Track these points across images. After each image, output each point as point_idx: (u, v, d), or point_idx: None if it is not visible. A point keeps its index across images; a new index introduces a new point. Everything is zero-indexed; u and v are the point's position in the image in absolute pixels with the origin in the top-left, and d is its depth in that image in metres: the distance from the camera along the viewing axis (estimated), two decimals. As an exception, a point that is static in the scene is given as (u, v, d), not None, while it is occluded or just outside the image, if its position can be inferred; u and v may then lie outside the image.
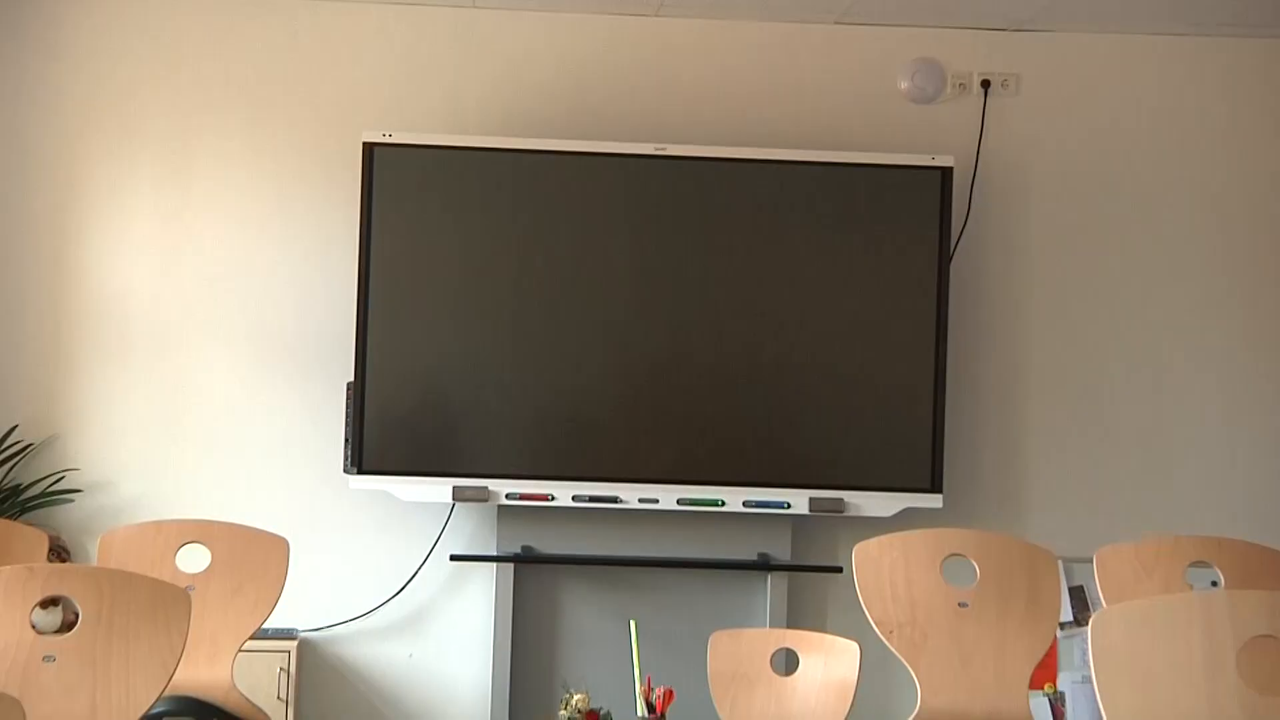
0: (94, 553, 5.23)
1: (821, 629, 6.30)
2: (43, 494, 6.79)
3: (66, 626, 3.22)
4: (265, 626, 4.79)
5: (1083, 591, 6.62)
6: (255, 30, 6.96)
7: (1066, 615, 6.36)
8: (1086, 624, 3.57)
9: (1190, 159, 7.15)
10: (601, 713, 5.13)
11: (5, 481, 6.74)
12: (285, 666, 6.59)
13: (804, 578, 6.93)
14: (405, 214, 6.69)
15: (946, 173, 6.80)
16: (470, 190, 6.73)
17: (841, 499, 6.75)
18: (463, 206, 6.73)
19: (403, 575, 6.91)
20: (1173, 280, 7.14)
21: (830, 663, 5.69)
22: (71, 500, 6.83)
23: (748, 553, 6.89)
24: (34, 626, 3.22)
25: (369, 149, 6.64)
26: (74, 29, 6.90)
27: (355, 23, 6.98)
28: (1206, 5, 6.59)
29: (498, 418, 6.77)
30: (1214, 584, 4.45)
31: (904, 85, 7.05)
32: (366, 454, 6.66)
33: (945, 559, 4.24)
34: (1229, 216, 7.15)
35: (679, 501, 6.71)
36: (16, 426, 6.80)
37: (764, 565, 6.87)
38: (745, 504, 6.72)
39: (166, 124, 6.93)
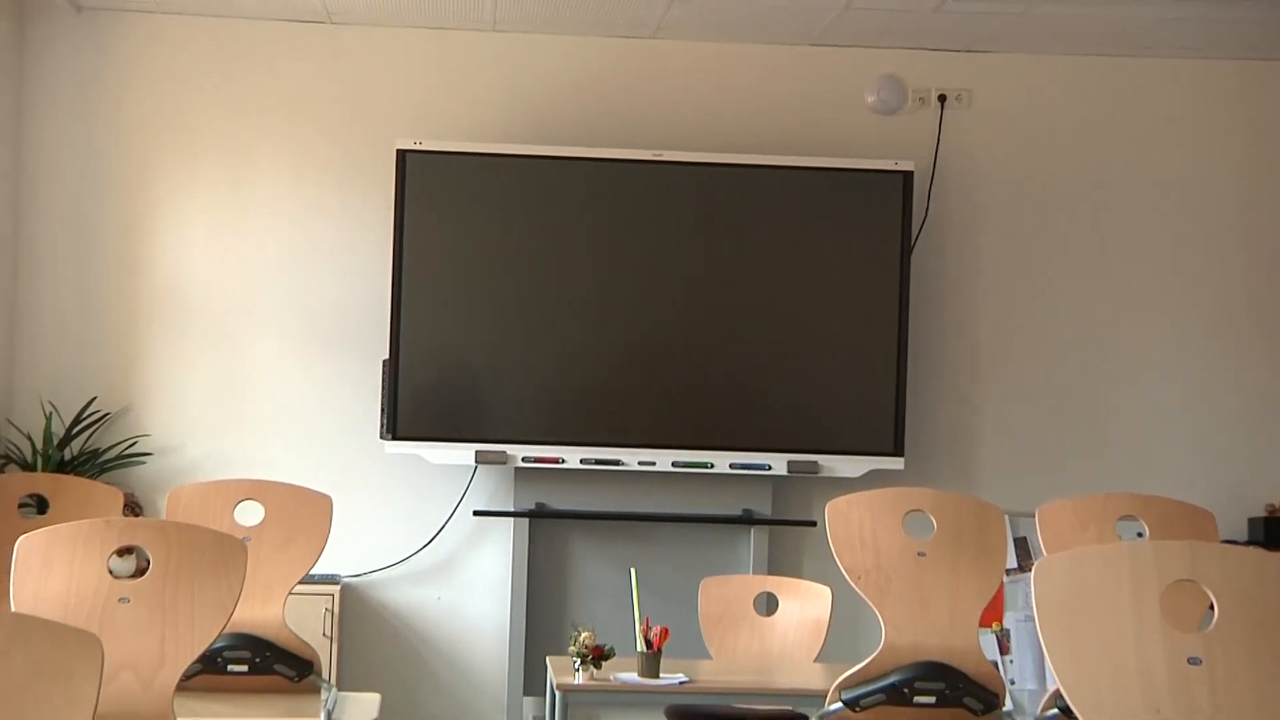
0: (163, 508, 5.24)
1: (798, 575, 6.31)
2: (118, 457, 6.80)
3: (139, 572, 3.22)
4: (312, 573, 4.78)
5: (1026, 542, 6.62)
6: (300, 52, 6.94)
7: (1011, 563, 6.37)
8: (1029, 571, 3.57)
9: (1120, 162, 7.14)
10: (606, 648, 5.14)
11: (86, 446, 6.77)
12: (330, 608, 6.60)
13: (782, 531, 6.93)
14: (433, 212, 6.70)
15: (908, 176, 6.81)
16: (491, 191, 6.72)
17: (815, 461, 6.75)
18: (484, 206, 6.73)
19: (431, 528, 6.91)
20: (1107, 269, 7.14)
21: (806, 605, 5.69)
22: (143, 462, 6.84)
23: (733, 509, 6.90)
24: (111, 572, 3.23)
25: (401, 155, 6.64)
26: (144, 57, 6.89)
27: (389, 45, 6.97)
28: (1135, 31, 6.57)
29: (515, 390, 6.78)
30: (1140, 535, 4.45)
31: (870, 99, 7.03)
32: (400, 422, 6.66)
33: (906, 514, 4.23)
34: (1156, 211, 7.15)
35: (673, 464, 6.71)
36: (96, 398, 6.81)
37: (747, 520, 6.88)
38: (731, 466, 6.74)
39: (223, 136, 6.93)
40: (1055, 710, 4.16)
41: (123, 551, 3.26)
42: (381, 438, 6.71)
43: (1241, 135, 7.17)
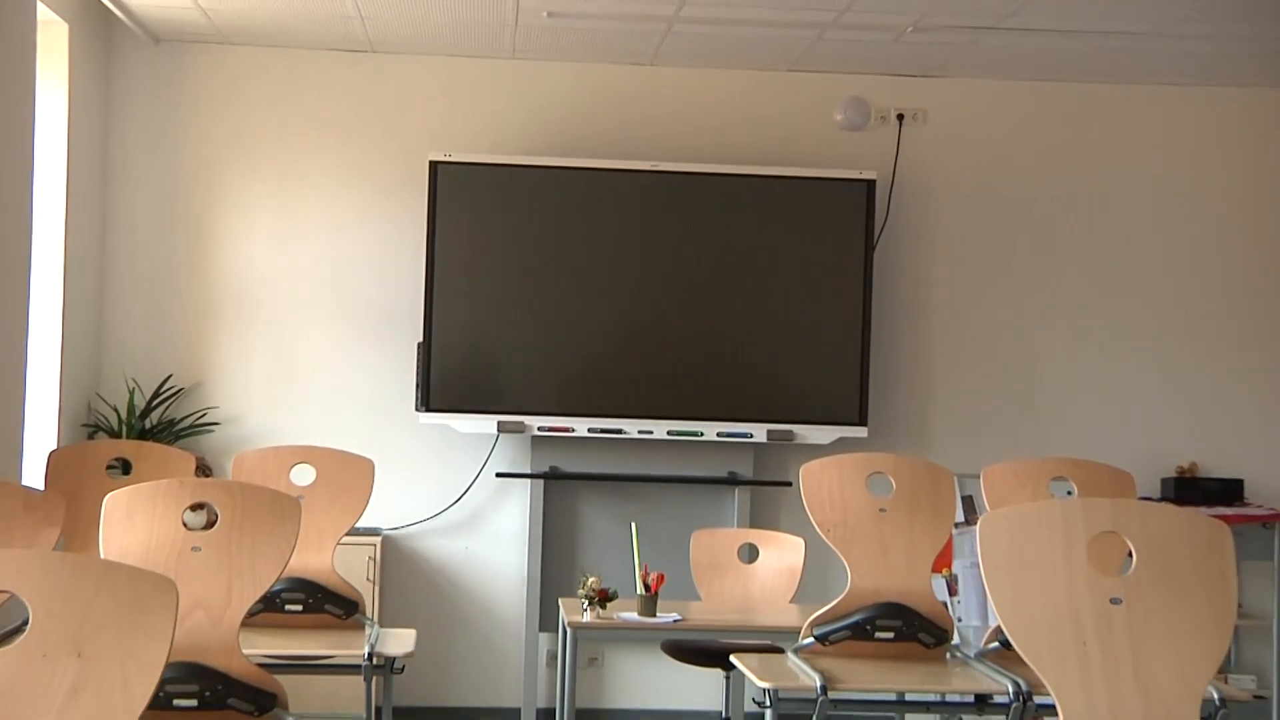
0: (229, 470, 5.24)
1: (776, 529, 6.31)
2: (190, 426, 6.81)
3: (209, 525, 3.23)
4: (356, 526, 4.79)
5: (971, 500, 6.62)
6: (346, 77, 6.93)
7: (959, 518, 6.36)
8: (974, 524, 3.56)
9: (1052, 173, 7.13)
10: (610, 591, 5.14)
11: (163, 416, 6.77)
12: (373, 556, 6.61)
13: (762, 490, 6.94)
14: (462, 215, 6.68)
15: (871, 184, 6.79)
16: (511, 197, 6.72)
17: (791, 431, 6.76)
18: (505, 209, 6.73)
19: (459, 488, 6.91)
20: (1041, 266, 7.14)
21: (782, 554, 5.71)
22: (212, 431, 6.85)
23: (720, 471, 6.90)
24: (185, 525, 3.24)
25: (434, 166, 6.63)
26: (212, 81, 6.89)
27: (422, 70, 6.96)
28: (1067, 59, 6.56)
29: (531, 368, 6.78)
30: (1069, 493, 4.45)
31: (839, 117, 7.02)
32: (432, 396, 6.66)
33: (869, 476, 4.24)
34: (1083, 216, 7.14)
35: (668, 432, 6.71)
36: (171, 376, 6.81)
37: (732, 481, 6.88)
38: (718, 434, 6.73)
39: (279, 149, 6.92)
40: (996, 644, 4.16)
41: (195, 507, 3.27)
42: (416, 410, 6.71)
43: (1157, 150, 7.17)
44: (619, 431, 6.72)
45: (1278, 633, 6.85)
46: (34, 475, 5.24)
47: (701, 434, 6.73)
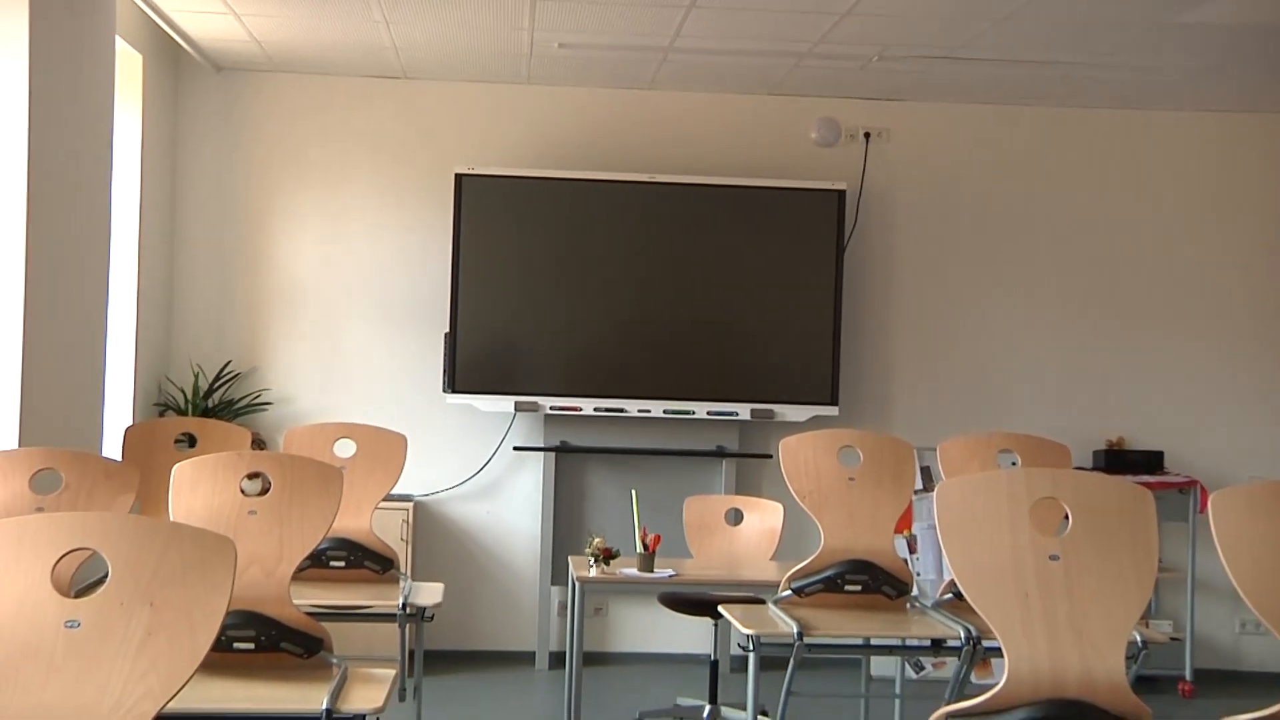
0: (281, 443, 5.25)
1: (758, 495, 6.31)
2: (247, 405, 6.81)
3: (263, 492, 3.22)
4: (391, 493, 4.79)
5: (929, 470, 6.63)
6: (382, 100, 6.92)
7: (918, 485, 6.38)
8: (931, 491, 3.56)
9: (1000, 183, 7.14)
10: (613, 550, 5.15)
11: (223, 397, 6.77)
12: (406, 519, 6.61)
13: (747, 462, 6.94)
14: (483, 221, 6.67)
15: (841, 194, 6.79)
16: (526, 204, 6.71)
17: (772, 410, 6.75)
18: (522, 216, 6.72)
19: (481, 459, 6.91)
20: (991, 263, 7.14)
21: (764, 517, 5.71)
22: (266, 409, 6.85)
23: (709, 445, 6.90)
24: (242, 491, 3.24)
25: (459, 178, 6.62)
26: (266, 104, 6.87)
27: (449, 94, 6.95)
28: (1010, 84, 6.56)
29: (544, 355, 6.77)
30: (1014, 464, 4.46)
31: (813, 135, 7.01)
32: (457, 380, 6.66)
33: (840, 449, 4.24)
34: (1026, 219, 7.14)
35: (664, 411, 6.71)
36: (231, 361, 6.82)
37: (720, 453, 6.88)
38: (708, 413, 6.73)
39: (324, 163, 6.91)
40: (950, 595, 4.17)
41: (251, 476, 3.27)
42: (443, 391, 6.71)
43: (1086, 163, 7.16)
44: (621, 410, 6.72)
45: (1191, 584, 6.87)
46: (112, 448, 5.24)
47: (693, 412, 6.73)
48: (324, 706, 2.84)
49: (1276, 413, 7.20)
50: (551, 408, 6.70)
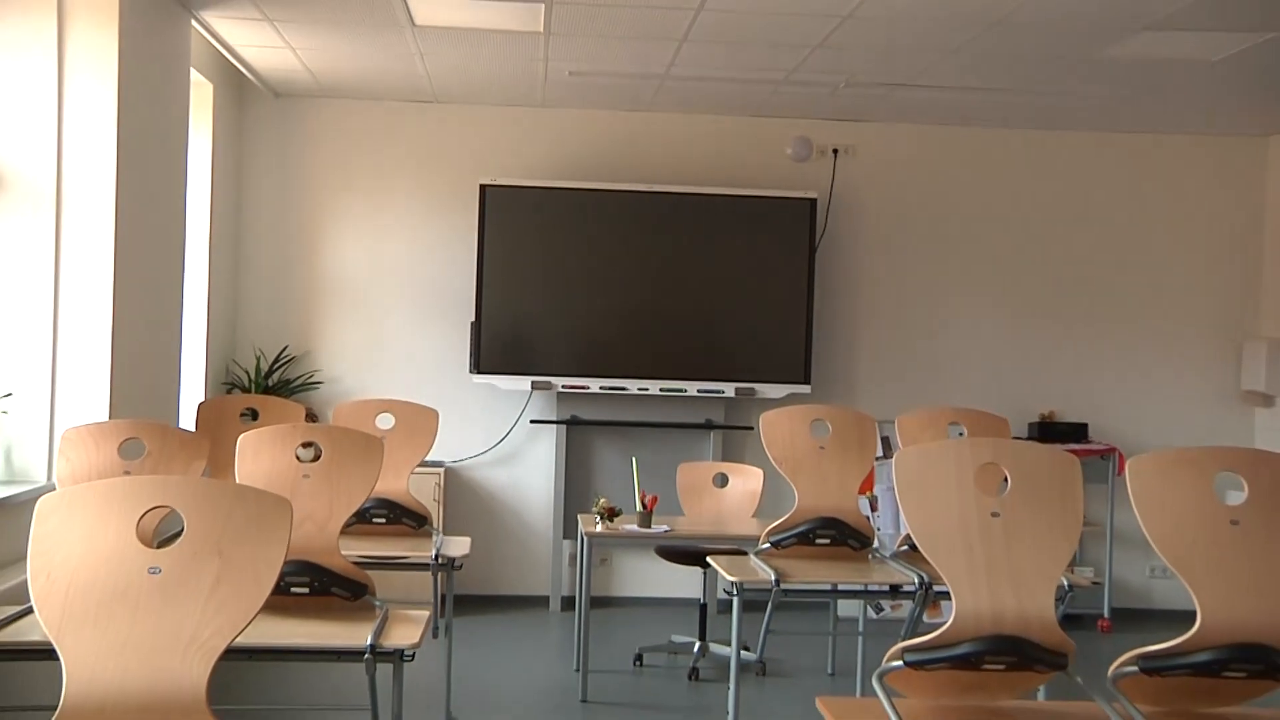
0: (330, 417, 5.25)
1: (741, 462, 6.33)
2: (301, 384, 6.81)
3: (315, 459, 3.23)
4: (425, 459, 4.80)
5: (888, 440, 6.64)
6: (416, 121, 6.91)
7: (879, 453, 6.39)
8: (890, 458, 3.56)
9: (949, 192, 7.13)
10: (616, 509, 5.17)
11: (281, 377, 6.78)
12: (438, 482, 6.62)
13: (732, 433, 6.95)
14: (504, 225, 6.66)
15: (813, 201, 6.78)
16: (541, 211, 6.70)
17: (753, 388, 6.76)
18: (537, 220, 6.70)
19: (503, 431, 6.92)
20: (942, 260, 7.13)
21: (746, 481, 5.72)
22: (317, 388, 6.85)
23: (699, 419, 6.91)
24: (297, 458, 3.24)
25: (483, 188, 6.61)
26: (317, 125, 6.86)
27: (474, 115, 6.93)
28: (959, 108, 6.55)
29: (557, 341, 6.77)
30: (961, 434, 4.47)
31: (789, 151, 7.00)
32: (481, 362, 6.66)
33: (812, 422, 4.24)
34: (972, 223, 7.14)
35: (660, 389, 6.72)
36: (287, 346, 6.83)
37: (708, 426, 6.89)
38: (698, 391, 6.74)
39: (367, 176, 6.90)
40: (906, 547, 4.18)
41: (305, 445, 3.28)
42: (470, 372, 6.71)
43: (1023, 175, 7.15)
44: (623, 389, 6.72)
45: (1110, 537, 6.91)
46: (187, 421, 5.25)
47: (685, 390, 6.74)
48: (368, 642, 2.85)
49: (1182, 391, 7.22)
50: (563, 386, 6.70)
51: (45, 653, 2.10)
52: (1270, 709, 2.60)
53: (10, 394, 4.21)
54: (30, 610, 2.99)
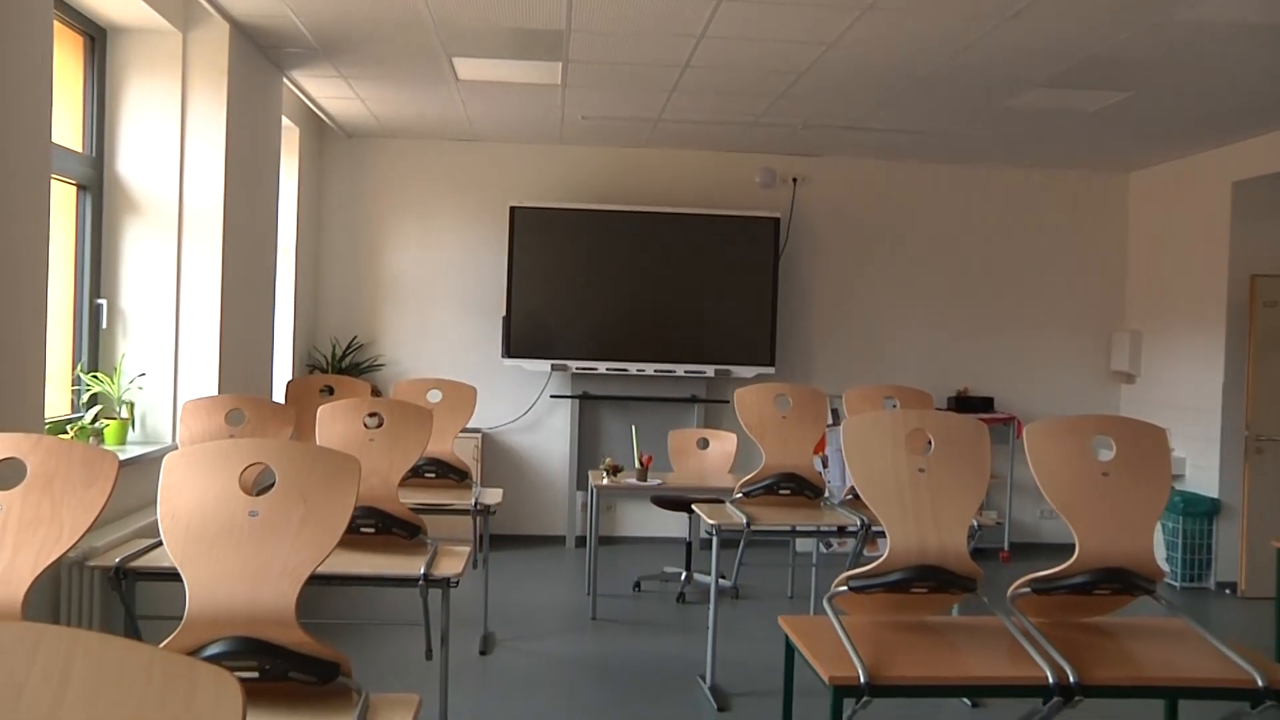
0: (390, 393, 5.25)
1: (719, 429, 6.33)
2: (368, 366, 6.79)
3: (379, 426, 3.24)
4: (466, 427, 4.80)
5: (837, 411, 6.64)
6: (459, 155, 6.87)
7: (830, 421, 6.39)
8: (838, 425, 3.56)
9: (890, 215, 7.10)
10: (619, 466, 5.16)
11: (352, 360, 6.76)
12: (477, 445, 6.62)
13: (712, 406, 6.94)
14: (529, 238, 6.63)
15: (776, 220, 6.75)
16: (559, 227, 6.67)
17: (729, 369, 6.75)
18: (557, 236, 6.68)
19: (528, 404, 6.90)
20: (884, 268, 7.11)
21: (723, 444, 5.71)
22: (380, 369, 6.83)
23: (686, 394, 6.90)
24: (365, 426, 3.25)
25: (512, 210, 6.58)
26: (380, 160, 6.83)
27: (506, 150, 6.89)
28: (897, 146, 6.53)
29: (572, 331, 6.75)
30: (894, 406, 4.47)
31: (757, 179, 6.98)
32: (511, 348, 6.65)
33: (776, 396, 4.24)
34: (908, 239, 7.12)
35: (654, 370, 6.70)
36: (356, 335, 6.80)
37: (693, 400, 6.88)
38: (684, 371, 6.72)
39: (419, 201, 6.87)
40: (850, 496, 4.19)
41: (370, 415, 3.28)
42: (502, 357, 6.70)
43: (947, 200, 7.14)
44: (625, 370, 6.71)
45: (1010, 486, 6.92)
46: (278, 395, 5.26)
47: (674, 371, 6.73)
48: (422, 571, 2.86)
49: (1065, 371, 7.22)
50: (577, 368, 6.69)
51: (173, 575, 2.11)
52: (1127, 618, 2.63)
53: (144, 374, 4.24)
54: (160, 543, 3.02)
